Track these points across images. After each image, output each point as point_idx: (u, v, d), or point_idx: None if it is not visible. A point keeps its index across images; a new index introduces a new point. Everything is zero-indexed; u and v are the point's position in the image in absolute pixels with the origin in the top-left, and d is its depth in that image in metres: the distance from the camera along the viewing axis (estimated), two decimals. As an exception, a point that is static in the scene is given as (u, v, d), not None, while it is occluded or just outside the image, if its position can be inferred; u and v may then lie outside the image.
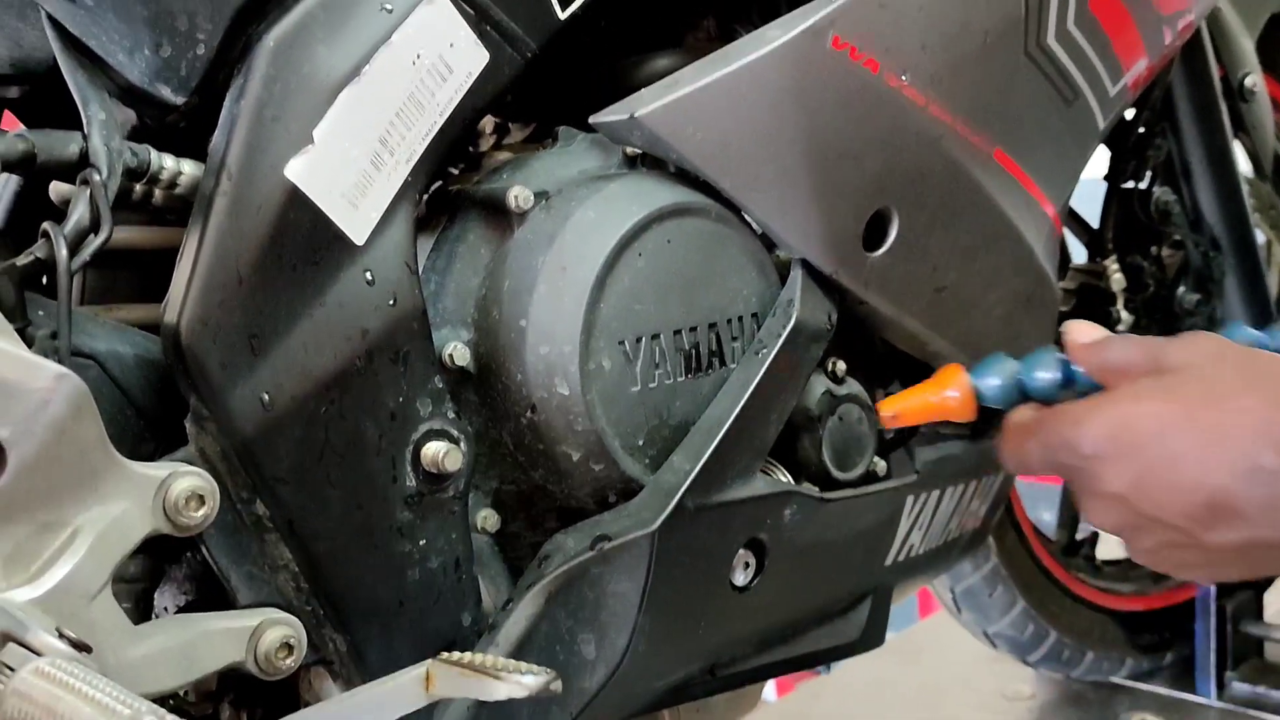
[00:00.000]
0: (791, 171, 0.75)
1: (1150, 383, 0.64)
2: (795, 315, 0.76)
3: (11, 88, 0.70)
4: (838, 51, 0.74)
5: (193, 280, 0.59)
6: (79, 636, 0.50)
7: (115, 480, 0.55)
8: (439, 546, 0.68)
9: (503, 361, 0.71)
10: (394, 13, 0.66)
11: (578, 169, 0.76)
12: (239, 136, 0.61)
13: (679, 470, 0.72)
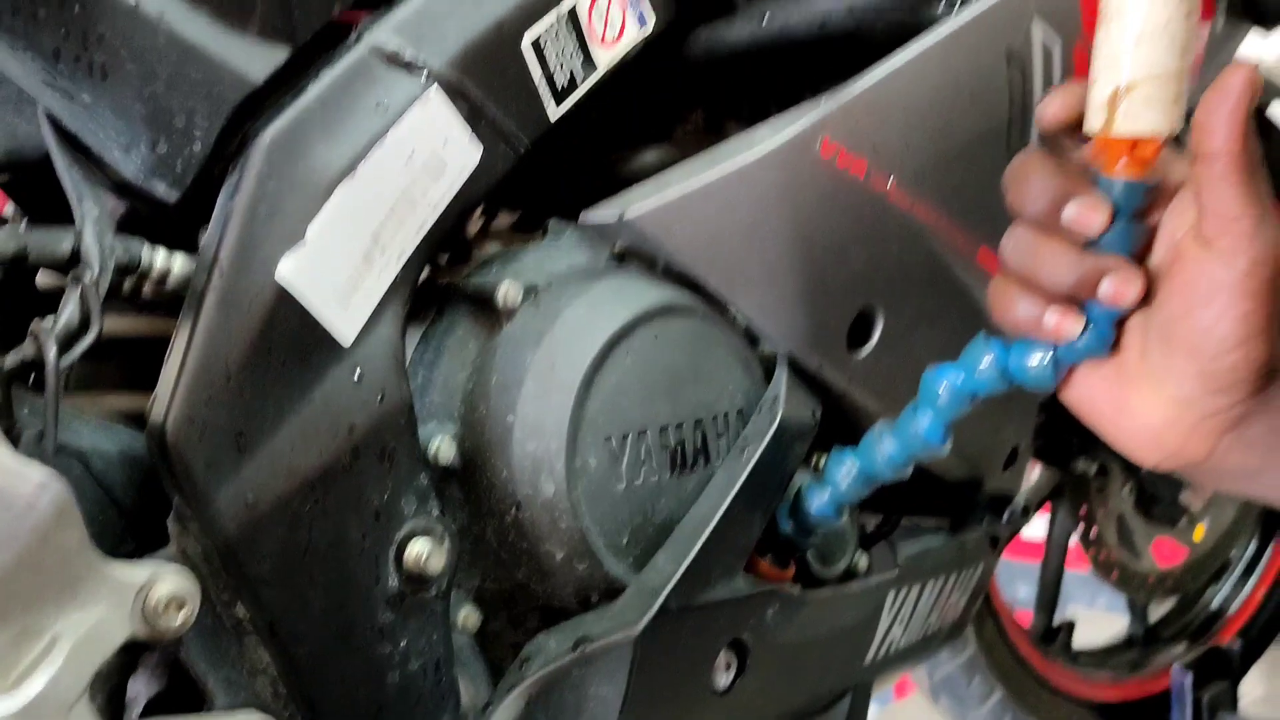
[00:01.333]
0: (779, 271, 0.76)
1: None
2: (780, 413, 0.76)
3: (3, 175, 0.70)
4: (827, 153, 0.75)
5: (180, 378, 0.59)
6: (55, 751, 0.49)
7: (95, 584, 0.54)
8: (419, 648, 0.67)
9: (489, 457, 0.70)
10: (389, 110, 0.66)
11: (567, 264, 0.77)
12: (231, 233, 0.61)
13: (663, 571, 0.71)
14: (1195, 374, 0.56)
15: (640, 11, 0.77)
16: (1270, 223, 0.54)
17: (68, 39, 0.57)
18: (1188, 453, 0.59)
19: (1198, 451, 0.59)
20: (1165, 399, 0.58)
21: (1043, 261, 0.58)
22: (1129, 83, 0.54)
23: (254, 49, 0.62)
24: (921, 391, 0.68)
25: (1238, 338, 0.54)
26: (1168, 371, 0.58)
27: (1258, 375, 0.56)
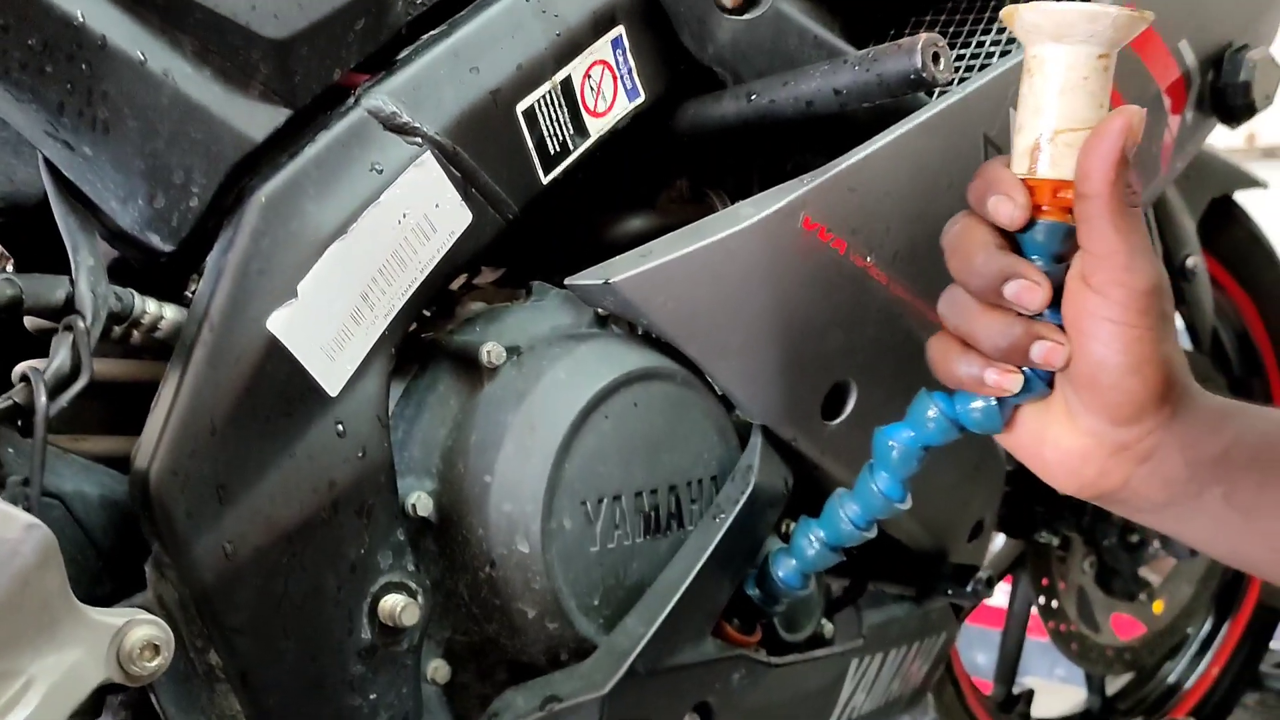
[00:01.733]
0: (757, 342, 0.78)
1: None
2: (754, 481, 0.78)
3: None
4: (808, 231, 0.77)
5: (166, 428, 0.60)
6: (26, 796, 0.49)
7: (72, 628, 0.55)
8: (389, 701, 0.68)
9: (465, 515, 0.71)
10: (384, 173, 0.68)
11: (549, 325, 0.78)
12: (224, 288, 0.62)
13: (632, 633, 0.72)
14: (1099, 406, 0.60)
15: (632, 85, 0.80)
16: (1145, 257, 0.58)
17: (73, 93, 0.58)
18: (1103, 483, 0.63)
19: (1111, 482, 0.63)
20: (1079, 432, 0.62)
21: (981, 327, 0.61)
22: (1052, 131, 0.58)
23: (255, 109, 0.64)
24: (875, 451, 0.70)
25: (1127, 366, 0.58)
26: (1078, 405, 0.62)
27: (1155, 403, 0.59)
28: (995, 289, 0.60)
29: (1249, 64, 1.07)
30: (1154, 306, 0.58)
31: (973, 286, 0.61)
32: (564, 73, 0.76)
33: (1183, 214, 1.37)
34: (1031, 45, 0.60)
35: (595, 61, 0.77)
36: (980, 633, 1.94)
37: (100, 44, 0.58)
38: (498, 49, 0.73)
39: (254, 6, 0.62)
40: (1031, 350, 0.60)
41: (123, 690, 0.65)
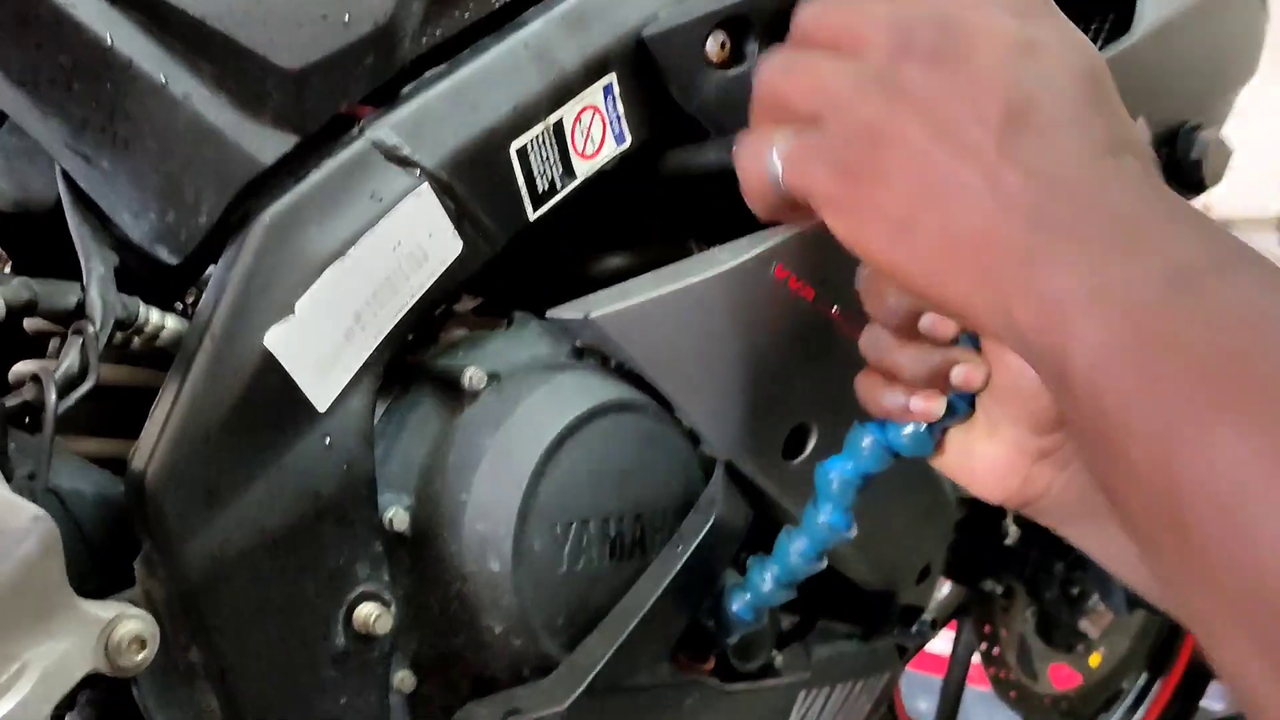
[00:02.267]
0: (726, 381, 0.82)
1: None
2: (715, 514, 0.81)
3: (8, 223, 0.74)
4: (779, 279, 0.81)
5: (164, 433, 0.63)
6: (18, 774, 0.52)
7: (65, 618, 0.58)
8: (358, 705, 0.71)
9: (440, 531, 0.74)
10: (383, 202, 0.71)
11: (529, 354, 0.82)
12: (226, 302, 0.65)
13: (593, 653, 0.76)
14: (1022, 415, 0.65)
15: (620, 130, 0.84)
16: None
17: (97, 111, 0.62)
18: (1028, 490, 0.68)
19: (1036, 489, 0.67)
20: (1002, 443, 0.67)
21: (902, 359, 0.66)
22: None
23: (265, 134, 0.67)
24: (817, 485, 0.75)
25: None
26: (1000, 418, 0.67)
27: None
28: (911, 322, 0.65)
29: (1201, 142, 1.13)
30: None
31: (889, 323, 0.66)
32: (556, 116, 0.79)
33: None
34: None
35: (586, 106, 0.81)
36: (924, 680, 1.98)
37: (126, 66, 0.61)
38: (496, 90, 0.76)
39: (271, 39, 0.65)
40: (952, 374, 0.65)
41: (93, 688, 0.68)
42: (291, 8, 0.66)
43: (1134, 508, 0.42)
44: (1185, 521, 0.38)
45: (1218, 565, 0.37)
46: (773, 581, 0.79)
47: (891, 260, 0.53)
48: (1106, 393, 0.42)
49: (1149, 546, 0.42)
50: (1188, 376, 0.40)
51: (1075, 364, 0.44)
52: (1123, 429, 0.42)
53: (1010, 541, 1.40)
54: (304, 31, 0.67)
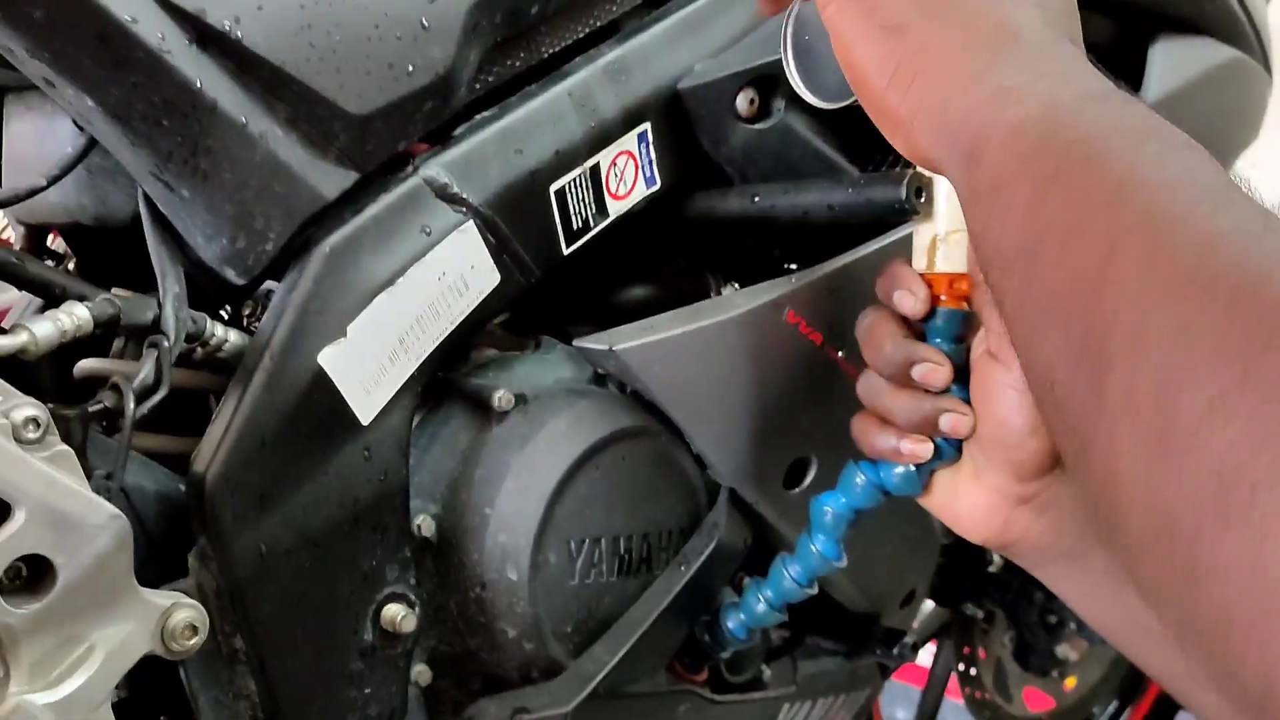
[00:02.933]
0: (735, 414, 0.88)
1: None
2: (718, 537, 0.88)
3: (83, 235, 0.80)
4: (790, 323, 0.87)
5: (224, 439, 0.69)
6: (88, 744, 0.58)
7: (129, 604, 0.64)
8: (380, 697, 0.77)
9: (463, 540, 0.81)
10: (431, 235, 0.77)
11: (554, 378, 0.88)
12: (285, 322, 0.71)
13: (598, 660, 0.82)
14: (1004, 464, 0.71)
15: (651, 174, 0.90)
16: None
17: (182, 145, 0.68)
18: (1008, 534, 0.73)
19: (1015, 533, 0.73)
20: (986, 487, 0.73)
21: (895, 405, 0.73)
22: (945, 232, 0.69)
23: (330, 171, 0.73)
24: (812, 517, 0.81)
25: (1028, 427, 0.68)
26: (984, 464, 0.72)
27: (1053, 460, 0.70)
28: (904, 372, 0.71)
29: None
30: None
31: (885, 371, 0.72)
32: (594, 160, 0.86)
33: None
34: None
35: (622, 151, 0.88)
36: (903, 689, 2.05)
37: (212, 107, 0.67)
38: (540, 134, 0.82)
39: (342, 85, 0.71)
40: (940, 422, 0.71)
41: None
42: (361, 57, 0.72)
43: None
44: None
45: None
46: (766, 604, 0.85)
47: (856, 56, 0.60)
48: (1010, 162, 0.51)
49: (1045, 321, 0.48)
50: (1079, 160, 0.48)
51: (991, 141, 0.52)
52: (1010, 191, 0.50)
53: (993, 569, 1.46)
54: (371, 80, 0.73)
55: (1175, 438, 0.39)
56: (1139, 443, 0.40)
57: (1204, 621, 0.38)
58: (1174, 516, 0.39)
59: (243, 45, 0.68)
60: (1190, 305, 0.40)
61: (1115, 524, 0.43)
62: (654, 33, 0.90)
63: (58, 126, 0.79)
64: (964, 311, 0.71)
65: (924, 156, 0.59)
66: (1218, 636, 0.37)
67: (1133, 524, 0.41)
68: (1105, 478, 0.43)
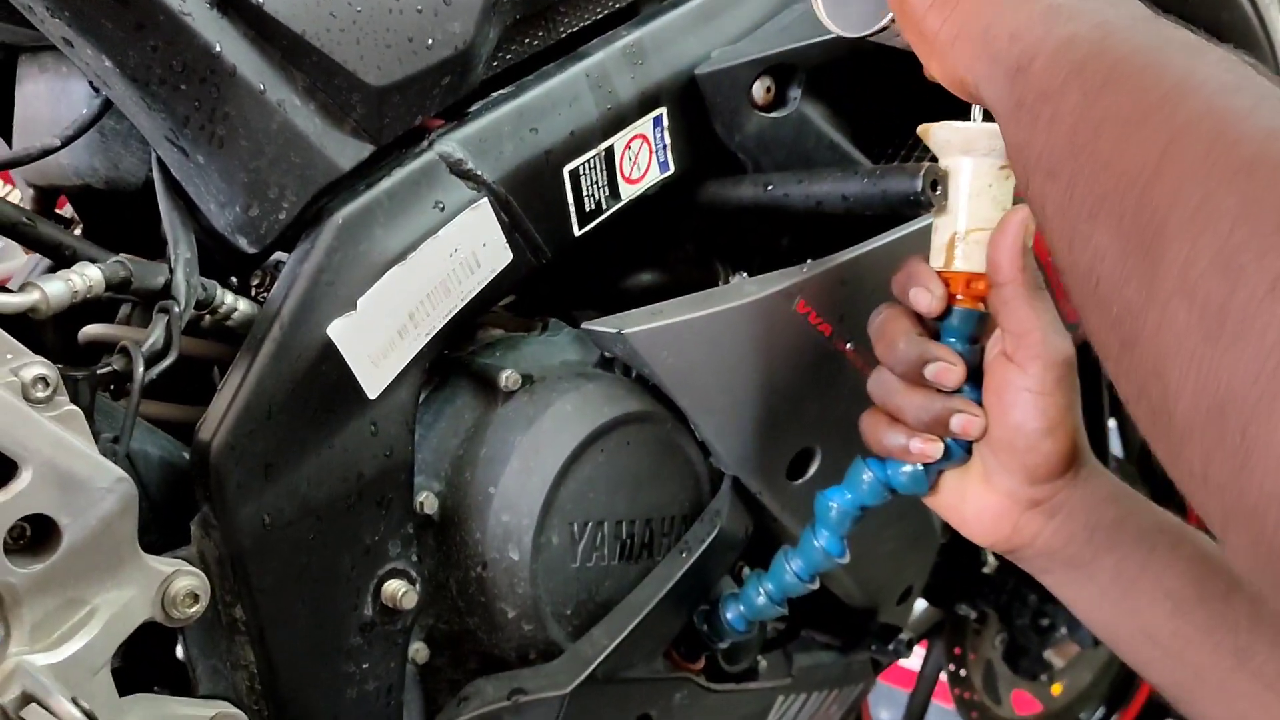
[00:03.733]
0: (741, 403, 0.87)
1: None
2: (720, 525, 0.88)
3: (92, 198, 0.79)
4: (800, 313, 0.87)
5: (230, 408, 0.69)
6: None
7: (132, 569, 0.64)
8: (378, 672, 0.77)
9: (466, 518, 0.80)
10: (445, 211, 0.77)
11: (560, 359, 0.88)
12: (296, 292, 0.71)
13: (597, 643, 0.82)
14: (1016, 467, 0.71)
15: (665, 159, 0.89)
16: (1056, 333, 0.69)
17: (199, 110, 0.67)
18: (1016, 538, 0.73)
19: (1024, 537, 0.73)
20: (996, 490, 0.73)
21: (906, 403, 0.72)
22: (964, 231, 0.69)
23: (346, 142, 0.73)
24: (817, 512, 0.80)
25: (1042, 430, 0.68)
26: (996, 467, 0.72)
27: (1065, 463, 0.70)
28: (917, 370, 0.71)
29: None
30: (1066, 377, 0.68)
31: (897, 369, 0.72)
32: (609, 142, 0.85)
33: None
34: (944, 157, 0.71)
35: (636, 135, 0.87)
36: (888, 691, 2.05)
37: (231, 72, 0.67)
38: (556, 114, 0.82)
39: (362, 57, 0.71)
40: (951, 422, 0.71)
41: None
42: (381, 29, 0.72)
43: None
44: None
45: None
46: (766, 597, 0.85)
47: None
48: (1060, 71, 0.51)
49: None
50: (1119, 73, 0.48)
51: (1041, 54, 0.52)
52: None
53: (988, 570, 1.46)
54: (391, 52, 0.72)
55: (1234, 314, 0.38)
56: (1194, 322, 0.39)
57: (1253, 503, 0.37)
58: (1228, 395, 0.38)
59: (264, 11, 0.67)
60: (1256, 182, 0.39)
61: (1162, 411, 0.42)
62: (672, 17, 0.90)
63: (72, 88, 0.78)
64: (980, 312, 0.71)
65: (960, 78, 0.59)
66: (1269, 517, 0.37)
67: (1181, 407, 0.40)
68: (1155, 363, 0.42)
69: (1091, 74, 0.49)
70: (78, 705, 0.57)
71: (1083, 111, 0.48)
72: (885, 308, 0.74)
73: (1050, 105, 0.50)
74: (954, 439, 0.72)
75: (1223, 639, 0.69)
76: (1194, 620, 0.70)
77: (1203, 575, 0.70)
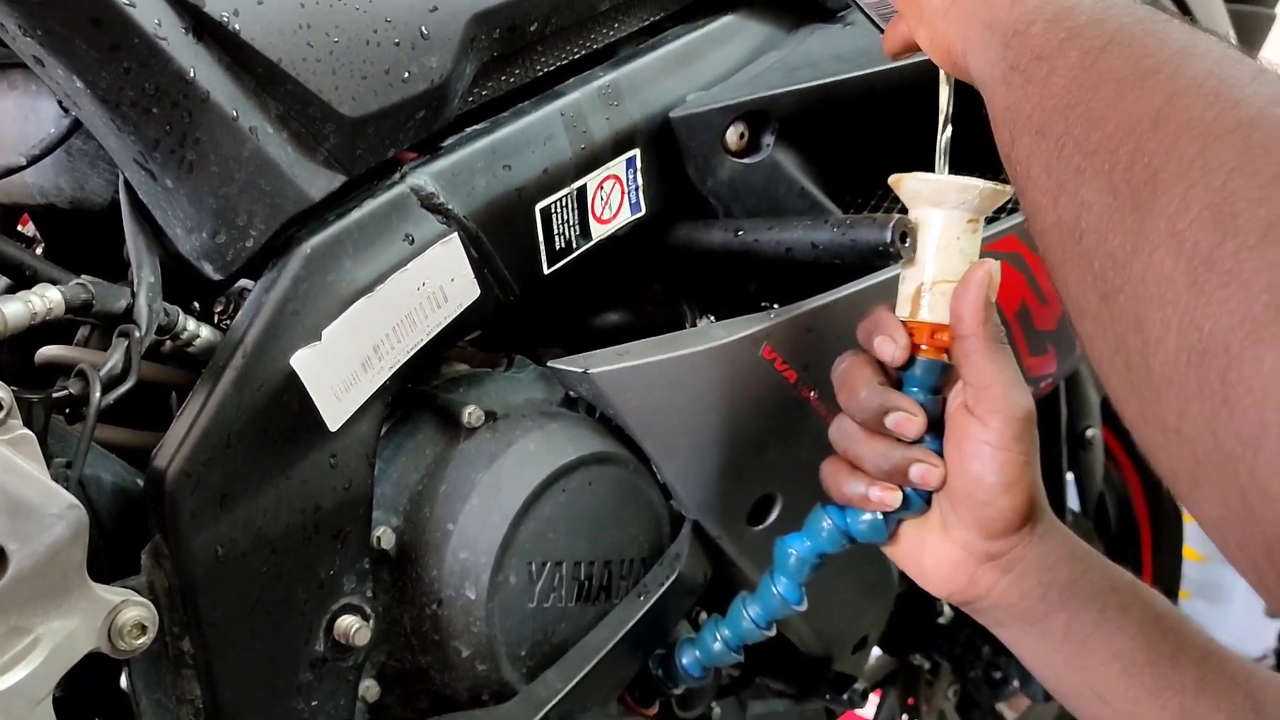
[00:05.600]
0: (704, 446, 0.87)
1: None
2: (679, 570, 0.87)
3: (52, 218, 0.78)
4: (766, 359, 0.87)
5: (188, 435, 0.68)
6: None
7: (78, 598, 0.62)
8: (327, 709, 0.76)
9: (423, 555, 0.79)
10: (414, 244, 0.76)
11: (524, 397, 0.87)
12: (260, 321, 0.70)
13: (551, 686, 0.81)
14: (974, 520, 0.71)
15: (636, 200, 0.90)
16: (1017, 388, 0.69)
17: (170, 134, 0.66)
18: (972, 590, 0.73)
19: (979, 590, 0.73)
20: (954, 542, 0.73)
21: (867, 451, 0.72)
22: (930, 282, 0.69)
23: (317, 172, 0.72)
24: (776, 559, 0.80)
25: (1000, 485, 0.69)
26: (954, 519, 0.72)
27: (1022, 519, 0.70)
28: (878, 419, 0.71)
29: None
30: (1026, 433, 0.69)
31: (859, 417, 0.72)
32: (581, 181, 0.85)
33: (1089, 387, 1.50)
34: (914, 208, 0.71)
35: (609, 175, 0.87)
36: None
37: (204, 98, 0.66)
38: (530, 152, 0.82)
39: (337, 86, 0.71)
40: (910, 472, 0.71)
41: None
42: (358, 60, 0.71)
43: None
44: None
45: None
46: (723, 643, 0.84)
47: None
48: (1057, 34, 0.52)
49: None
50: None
51: (1038, 21, 0.53)
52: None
53: (943, 620, 1.46)
54: (367, 84, 0.72)
55: (1223, 261, 0.38)
56: (1181, 269, 0.40)
57: (1230, 448, 0.37)
58: (1210, 341, 0.38)
59: (240, 38, 0.67)
60: (1255, 139, 0.40)
61: (1138, 365, 0.42)
62: (649, 60, 0.90)
63: (40, 106, 0.77)
64: (943, 363, 0.71)
65: (947, 46, 0.60)
66: (1244, 462, 0.37)
67: (1159, 358, 0.40)
68: (1135, 314, 0.42)
69: (1092, 37, 0.50)
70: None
71: (1081, 71, 0.49)
72: (849, 355, 0.75)
73: (1046, 65, 0.51)
74: (913, 489, 0.72)
75: (1169, 700, 0.69)
76: (1142, 681, 0.70)
77: (1152, 637, 0.71)
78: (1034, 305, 1.06)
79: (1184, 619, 0.73)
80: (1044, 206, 0.49)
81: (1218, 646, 0.71)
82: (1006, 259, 0.99)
